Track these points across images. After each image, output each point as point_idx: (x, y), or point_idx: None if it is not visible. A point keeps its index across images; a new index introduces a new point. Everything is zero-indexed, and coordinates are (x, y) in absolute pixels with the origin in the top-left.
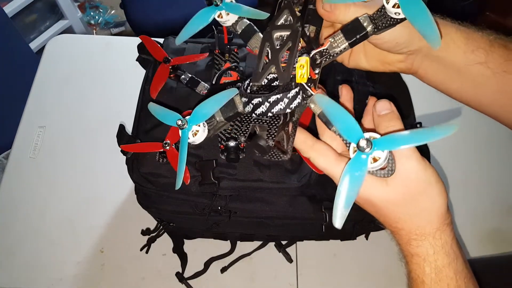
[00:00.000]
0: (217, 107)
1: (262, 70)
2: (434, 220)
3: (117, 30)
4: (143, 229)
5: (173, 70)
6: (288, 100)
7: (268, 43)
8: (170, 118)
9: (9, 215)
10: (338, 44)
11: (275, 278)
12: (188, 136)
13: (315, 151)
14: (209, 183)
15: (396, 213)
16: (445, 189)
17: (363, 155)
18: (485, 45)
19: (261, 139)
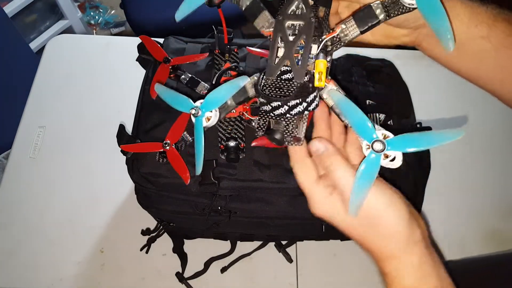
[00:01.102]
0: (230, 95)
1: (276, 64)
2: (399, 241)
3: (117, 30)
4: (143, 229)
5: (173, 70)
6: (307, 104)
7: (281, 34)
8: (182, 104)
9: (9, 215)
10: (349, 31)
11: (275, 278)
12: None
13: (301, 164)
14: (209, 183)
15: (360, 237)
16: (407, 209)
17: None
18: (488, 20)
19: (277, 133)
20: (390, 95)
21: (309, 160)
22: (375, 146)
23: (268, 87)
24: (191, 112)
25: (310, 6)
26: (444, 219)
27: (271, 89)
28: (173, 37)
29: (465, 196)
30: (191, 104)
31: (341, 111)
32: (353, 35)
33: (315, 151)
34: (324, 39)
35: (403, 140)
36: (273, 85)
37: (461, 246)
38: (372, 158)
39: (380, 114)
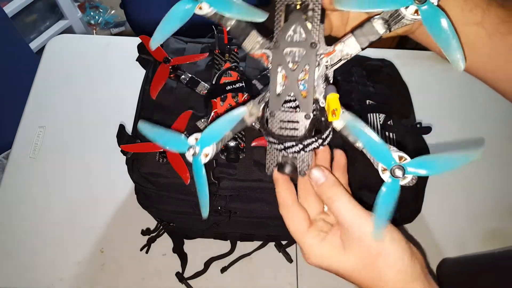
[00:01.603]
0: (228, 129)
1: (280, 96)
2: (399, 279)
3: (117, 30)
4: (143, 229)
5: (173, 70)
6: (322, 140)
7: (281, 63)
8: (177, 142)
9: (9, 215)
10: (350, 48)
11: (275, 278)
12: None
13: (289, 212)
14: (209, 183)
15: (361, 279)
16: (405, 246)
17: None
18: (483, 4)
19: (287, 167)
20: (390, 95)
21: (296, 207)
22: (396, 173)
23: (275, 122)
24: (188, 153)
25: (309, 31)
26: (444, 219)
27: (278, 124)
28: (173, 37)
29: (465, 196)
30: (187, 142)
31: (352, 134)
32: (354, 52)
33: (315, 181)
34: (324, 63)
35: (421, 164)
36: (279, 119)
37: (461, 246)
38: (391, 183)
39: (380, 114)
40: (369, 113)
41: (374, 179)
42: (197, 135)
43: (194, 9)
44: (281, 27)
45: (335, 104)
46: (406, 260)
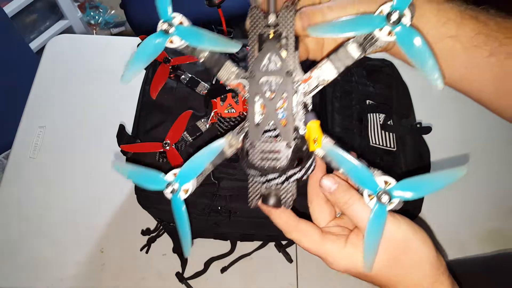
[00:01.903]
0: (207, 162)
1: (259, 126)
2: (427, 274)
3: (117, 30)
4: (143, 229)
5: (173, 70)
6: (306, 170)
7: (258, 93)
8: (154, 181)
9: (9, 215)
10: (326, 74)
11: (275, 278)
12: (181, 198)
13: (298, 231)
14: (209, 183)
15: (388, 280)
16: (428, 237)
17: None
18: (456, 17)
19: (271, 198)
20: (390, 95)
21: (303, 223)
22: (383, 199)
23: (256, 153)
24: (167, 190)
25: (284, 60)
26: (444, 219)
27: (259, 155)
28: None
29: (465, 196)
30: (164, 180)
31: (334, 161)
32: (331, 77)
33: (327, 189)
34: (301, 89)
35: (406, 187)
36: (260, 149)
37: (461, 246)
38: (378, 209)
39: (380, 114)
40: (369, 113)
41: None
42: (176, 171)
43: (165, 43)
44: (255, 57)
45: (316, 133)
46: (433, 253)
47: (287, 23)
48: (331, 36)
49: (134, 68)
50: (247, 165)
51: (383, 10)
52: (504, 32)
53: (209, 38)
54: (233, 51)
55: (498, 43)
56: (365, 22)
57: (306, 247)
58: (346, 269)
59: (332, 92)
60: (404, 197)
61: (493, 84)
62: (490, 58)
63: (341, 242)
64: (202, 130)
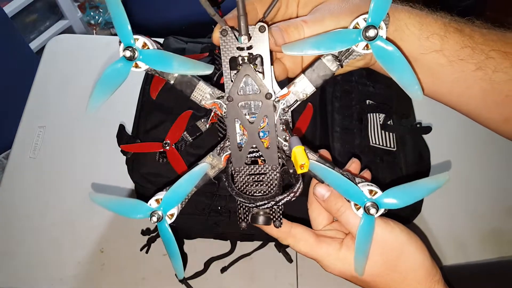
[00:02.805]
0: (190, 188)
1: (242, 151)
2: (422, 279)
3: None
4: (143, 229)
5: None
6: (294, 193)
7: (237, 118)
8: (137, 209)
9: (9, 215)
10: (304, 89)
11: (275, 278)
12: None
13: (293, 237)
14: (209, 183)
15: (384, 284)
16: (422, 244)
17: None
18: (440, 30)
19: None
20: (390, 95)
21: (297, 227)
22: (371, 211)
23: (242, 177)
24: (152, 220)
25: (261, 82)
26: (444, 219)
27: (245, 178)
28: (173, 37)
29: (465, 196)
30: (149, 207)
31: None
32: (309, 91)
33: (321, 197)
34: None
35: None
36: (246, 173)
37: (461, 246)
38: (366, 220)
39: (380, 114)
40: (369, 113)
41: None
42: (159, 196)
43: (129, 69)
44: (231, 80)
45: (302, 158)
46: (428, 260)
47: (260, 44)
48: (305, 54)
49: (99, 97)
50: (235, 194)
51: (358, 23)
52: (490, 44)
53: (177, 61)
54: (206, 73)
55: (485, 56)
56: (340, 38)
57: (303, 251)
58: (341, 271)
59: (332, 92)
60: (390, 205)
61: (481, 98)
62: (477, 72)
63: (336, 245)
64: (202, 130)
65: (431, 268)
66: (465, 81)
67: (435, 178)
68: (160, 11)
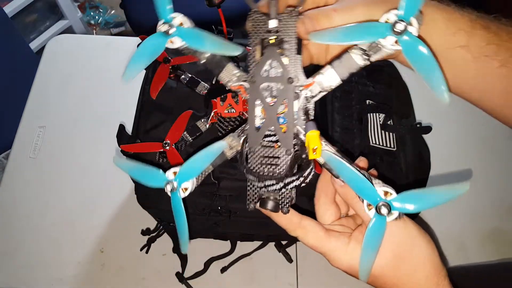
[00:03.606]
0: (207, 164)
1: (259, 132)
2: (430, 275)
3: (117, 30)
4: (143, 229)
5: (173, 70)
6: (304, 178)
7: (259, 99)
8: (154, 178)
9: (9, 215)
10: (330, 81)
11: (275, 278)
12: (180, 196)
13: (302, 228)
14: (209, 183)
15: (393, 278)
16: (431, 240)
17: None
18: (466, 27)
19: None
20: (390, 95)
21: (307, 220)
22: (382, 210)
23: (255, 158)
24: (166, 188)
25: (285, 66)
26: (444, 219)
27: (258, 160)
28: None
29: (465, 196)
30: (165, 177)
31: (335, 169)
32: (334, 84)
33: (339, 182)
34: (303, 94)
35: (407, 200)
36: (259, 155)
37: (461, 246)
38: (377, 220)
39: (380, 114)
40: (369, 113)
41: None
42: (176, 169)
43: (165, 44)
44: (256, 62)
45: (315, 142)
46: (437, 256)
47: (288, 29)
48: (333, 43)
49: (135, 67)
50: (246, 170)
51: (389, 18)
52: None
53: (210, 40)
54: (235, 54)
55: (510, 53)
56: (369, 30)
57: (311, 243)
58: (349, 265)
59: (332, 92)
60: (404, 210)
61: (503, 95)
62: (501, 68)
63: (345, 239)
64: (202, 130)
65: (438, 264)
66: (488, 78)
67: (455, 187)
68: None
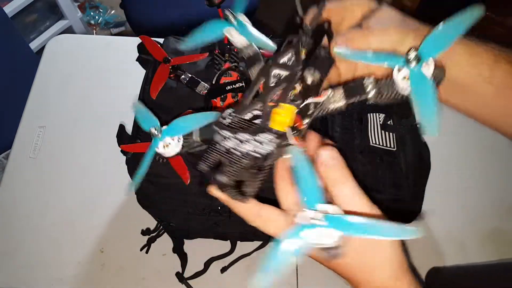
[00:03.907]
0: (196, 125)
1: (250, 104)
2: (388, 271)
3: (117, 30)
4: (143, 229)
5: (173, 70)
6: (257, 143)
7: (264, 78)
8: (148, 122)
9: (9, 215)
10: (335, 99)
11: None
12: (158, 146)
13: (261, 217)
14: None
15: (350, 269)
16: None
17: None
18: (489, 61)
19: (221, 175)
20: None
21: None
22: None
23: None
24: (150, 131)
25: (301, 60)
26: (444, 219)
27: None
28: (173, 37)
29: (465, 196)
30: (156, 123)
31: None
32: (338, 105)
33: (324, 161)
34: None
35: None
36: (239, 125)
37: (461, 246)
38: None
39: (380, 114)
40: (369, 113)
41: (374, 179)
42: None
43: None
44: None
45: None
46: (401, 252)
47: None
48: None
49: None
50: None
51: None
52: None
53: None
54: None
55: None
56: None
57: (272, 233)
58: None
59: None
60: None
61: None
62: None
63: None
64: None
65: (400, 259)
66: (510, 109)
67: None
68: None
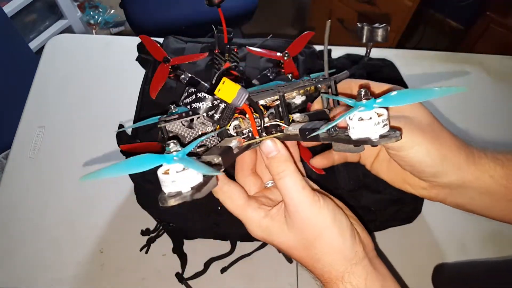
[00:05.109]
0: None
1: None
2: (338, 263)
3: (117, 29)
4: (143, 229)
5: (173, 70)
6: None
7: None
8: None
9: (9, 215)
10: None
11: (275, 278)
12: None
13: (223, 193)
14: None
15: (300, 258)
16: (347, 226)
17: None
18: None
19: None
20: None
21: (231, 185)
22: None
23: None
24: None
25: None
26: (444, 219)
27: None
28: (173, 37)
29: None
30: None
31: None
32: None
33: (267, 153)
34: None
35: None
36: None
37: (461, 246)
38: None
39: None
40: None
41: (374, 180)
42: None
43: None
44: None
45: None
46: (347, 244)
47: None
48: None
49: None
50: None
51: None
52: None
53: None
54: None
55: None
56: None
57: (230, 209)
58: (262, 238)
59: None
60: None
61: None
62: None
63: (261, 212)
64: None
65: (349, 253)
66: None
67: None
68: (160, 11)
